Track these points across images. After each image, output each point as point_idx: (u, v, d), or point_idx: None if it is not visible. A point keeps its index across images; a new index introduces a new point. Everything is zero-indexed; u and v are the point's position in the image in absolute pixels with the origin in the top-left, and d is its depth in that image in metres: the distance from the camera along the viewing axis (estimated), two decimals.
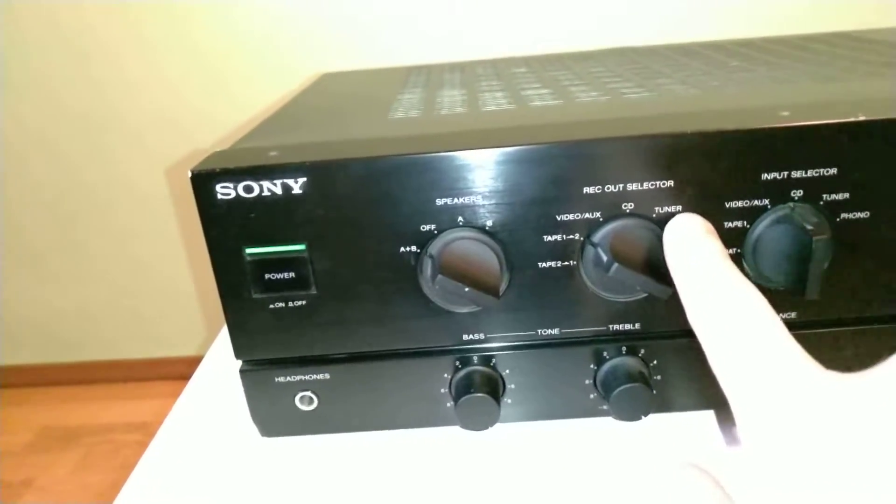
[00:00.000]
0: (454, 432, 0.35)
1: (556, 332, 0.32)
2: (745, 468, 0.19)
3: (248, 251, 0.30)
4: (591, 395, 0.34)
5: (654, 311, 0.32)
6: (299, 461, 0.34)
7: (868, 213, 0.29)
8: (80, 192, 1.36)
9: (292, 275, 0.31)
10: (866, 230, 0.29)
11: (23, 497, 1.32)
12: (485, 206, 0.30)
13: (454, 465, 0.33)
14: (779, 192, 0.29)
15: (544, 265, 0.31)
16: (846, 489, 0.15)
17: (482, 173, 0.29)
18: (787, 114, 0.29)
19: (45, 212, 1.39)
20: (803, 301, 0.31)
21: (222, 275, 0.31)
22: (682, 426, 0.34)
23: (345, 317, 0.32)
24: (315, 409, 0.34)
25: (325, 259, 0.31)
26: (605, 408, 0.33)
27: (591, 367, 0.33)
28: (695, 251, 0.25)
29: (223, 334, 0.47)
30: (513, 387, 0.34)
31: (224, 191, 0.29)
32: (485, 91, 0.45)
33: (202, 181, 0.29)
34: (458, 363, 0.33)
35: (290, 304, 0.31)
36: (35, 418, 1.53)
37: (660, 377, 0.33)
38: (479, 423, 0.32)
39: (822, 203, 0.29)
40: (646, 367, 0.33)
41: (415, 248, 0.30)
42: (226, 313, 0.32)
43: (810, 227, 0.27)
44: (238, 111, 1.25)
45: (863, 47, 0.50)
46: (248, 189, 0.29)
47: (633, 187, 0.29)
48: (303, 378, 0.34)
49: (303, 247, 0.30)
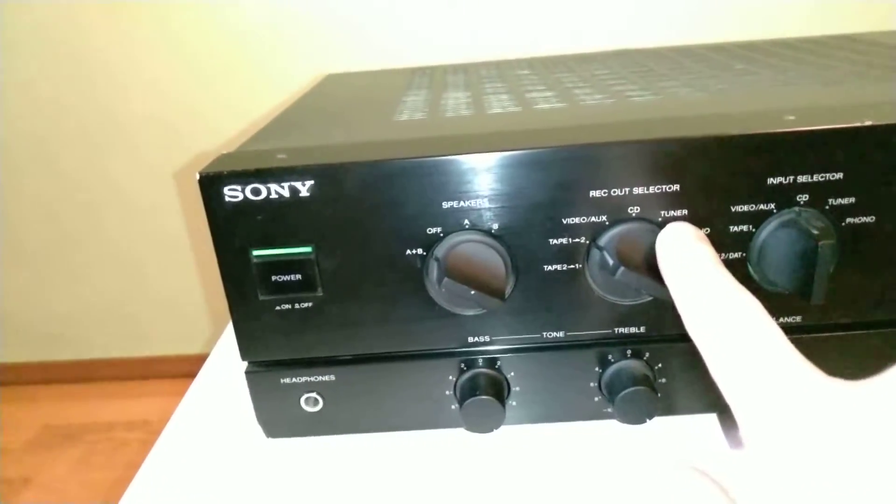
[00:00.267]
0: (459, 434, 0.35)
1: (561, 334, 0.32)
2: (748, 472, 0.19)
3: (255, 253, 0.30)
4: (596, 398, 0.34)
5: (659, 314, 0.32)
6: (304, 462, 0.34)
7: (873, 218, 0.29)
8: (82, 191, 1.36)
9: (299, 277, 0.31)
10: (872, 235, 0.29)
11: (23, 494, 1.32)
12: (491, 209, 0.30)
13: (459, 467, 0.33)
14: (784, 197, 0.29)
15: (550, 268, 0.31)
16: (848, 495, 0.15)
17: (488, 176, 0.29)
18: (792, 118, 0.29)
19: (48, 209, 1.39)
20: (809, 305, 0.31)
21: (229, 276, 0.31)
22: (687, 429, 0.34)
23: (351, 319, 0.32)
24: (320, 410, 0.34)
25: (332, 261, 0.31)
26: (610, 411, 0.33)
27: (596, 370, 0.33)
28: (686, 258, 0.25)
29: (227, 334, 0.47)
30: (518, 389, 0.34)
31: (232, 193, 0.29)
32: (489, 93, 0.45)
33: (210, 183, 0.29)
34: (463, 365, 0.33)
35: (297, 306, 0.32)
36: (36, 416, 1.53)
37: (664, 380, 0.33)
38: (483, 425, 0.32)
39: (827, 207, 0.29)
40: (650, 370, 0.33)
41: (421, 251, 0.30)
42: (232, 314, 0.32)
43: (816, 232, 0.27)
44: (241, 113, 1.25)
45: (867, 50, 0.50)
46: (256, 191, 0.29)
47: (638, 191, 0.29)
48: (308, 379, 0.34)
49: (309, 249, 0.30)
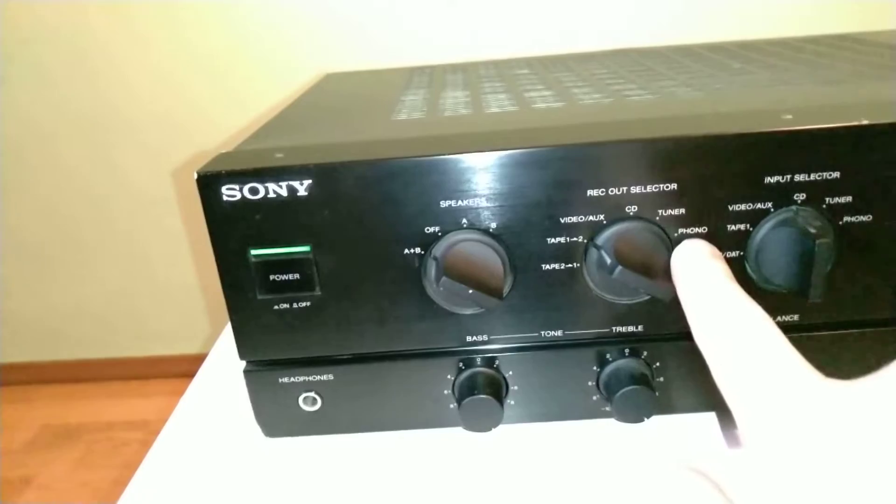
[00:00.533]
0: (457, 434, 0.35)
1: (559, 333, 0.32)
2: (746, 472, 0.19)
3: (253, 252, 0.30)
4: (594, 397, 0.34)
5: (657, 313, 0.32)
6: (303, 462, 0.34)
7: (871, 217, 0.29)
8: (83, 190, 1.36)
9: (297, 276, 0.31)
10: (869, 233, 0.29)
11: (23, 494, 1.32)
12: (489, 208, 0.30)
13: (457, 466, 0.33)
14: (782, 196, 0.29)
15: (548, 267, 0.31)
16: (844, 494, 0.15)
17: (486, 175, 0.29)
18: (790, 117, 0.29)
19: (47, 209, 1.39)
20: (806, 304, 0.31)
21: (227, 276, 0.31)
22: (685, 428, 0.34)
23: (349, 318, 0.32)
24: (319, 409, 0.34)
25: (330, 260, 0.31)
26: (608, 409, 0.33)
27: (594, 368, 0.33)
28: (700, 273, 0.25)
29: (226, 334, 0.47)
30: (516, 388, 0.34)
31: (230, 192, 0.29)
32: (488, 93, 0.45)
33: (208, 183, 0.29)
34: (461, 365, 0.33)
35: (295, 306, 0.32)
36: (36, 416, 1.53)
37: (662, 379, 0.33)
38: (482, 424, 0.32)
39: (824, 206, 0.29)
40: (648, 369, 0.33)
41: (419, 250, 0.30)
42: (230, 314, 0.32)
43: (813, 231, 0.27)
44: (240, 111, 1.25)
45: (864, 50, 0.50)
46: (254, 191, 0.29)
47: (636, 190, 0.29)
48: (307, 379, 0.34)
49: (307, 248, 0.30)
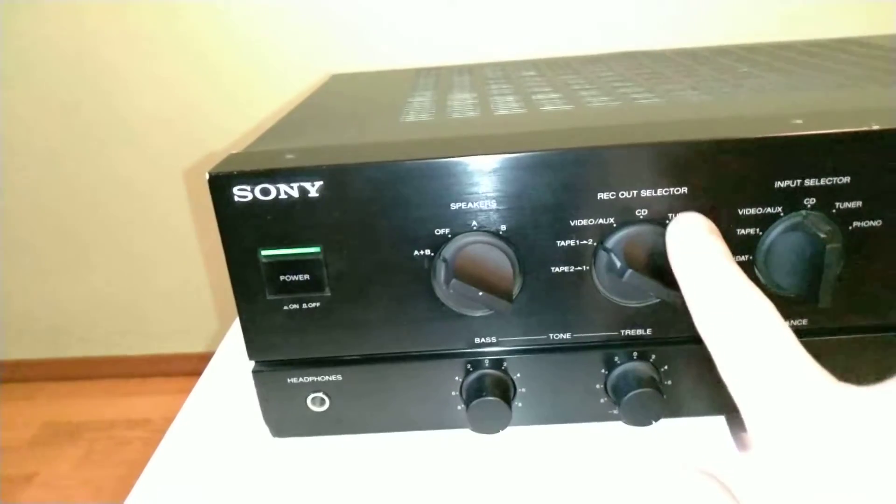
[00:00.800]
0: (465, 435, 0.35)
1: (567, 336, 0.32)
2: (755, 475, 0.19)
3: (264, 253, 0.31)
4: (602, 400, 0.34)
5: (665, 316, 0.32)
6: (311, 462, 0.34)
7: (880, 222, 0.29)
8: (87, 187, 1.37)
9: (307, 277, 0.31)
10: (879, 238, 0.30)
11: (25, 492, 1.33)
12: (499, 210, 0.30)
13: (465, 467, 0.33)
14: (792, 200, 0.29)
15: (557, 270, 0.31)
16: (855, 500, 0.15)
17: (496, 178, 0.29)
18: (800, 122, 0.29)
19: (51, 206, 1.39)
20: (815, 309, 0.31)
21: (237, 276, 0.31)
22: (693, 432, 0.34)
23: (358, 319, 0.32)
24: (327, 410, 0.34)
25: (340, 261, 0.31)
26: (616, 412, 0.33)
27: (603, 371, 0.33)
28: (699, 253, 0.24)
29: (231, 333, 0.47)
30: (524, 390, 0.34)
31: (241, 193, 0.29)
32: (495, 94, 0.45)
33: (219, 183, 0.29)
34: (469, 366, 0.33)
35: (304, 306, 0.32)
36: (38, 413, 1.53)
37: (670, 382, 0.33)
38: (490, 426, 0.33)
39: (834, 211, 0.29)
40: (657, 372, 0.33)
41: (429, 252, 0.31)
42: (240, 314, 0.32)
43: (823, 235, 0.27)
44: (245, 111, 1.25)
45: (871, 54, 0.50)
46: (265, 192, 0.29)
47: (646, 193, 0.29)
48: (315, 379, 0.34)
49: (317, 249, 0.31)
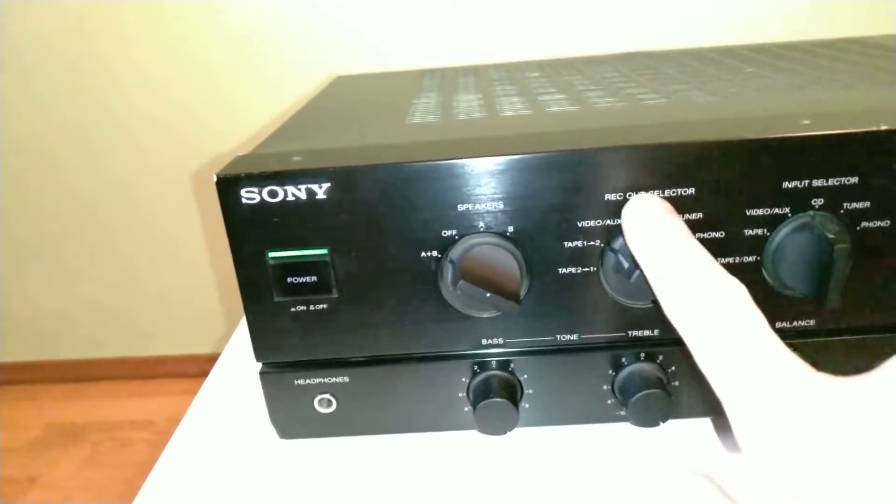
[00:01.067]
0: (472, 436, 0.35)
1: (575, 337, 0.32)
2: (746, 472, 0.19)
3: (271, 255, 0.31)
4: (609, 401, 0.34)
5: None
6: (318, 464, 0.34)
7: (888, 222, 0.29)
8: (91, 187, 1.37)
9: (314, 279, 0.31)
10: (887, 239, 0.29)
11: (28, 494, 1.33)
12: (506, 211, 0.30)
13: (472, 469, 0.33)
14: (799, 201, 0.29)
15: (564, 271, 0.31)
16: (843, 494, 0.15)
17: (503, 179, 0.29)
18: (807, 122, 0.29)
19: (54, 208, 1.40)
20: (823, 309, 0.31)
21: (245, 278, 0.31)
22: (700, 432, 0.34)
23: (365, 320, 0.32)
24: (334, 411, 0.34)
25: (347, 263, 0.31)
26: (623, 414, 0.33)
27: (610, 372, 0.33)
28: (659, 235, 0.23)
29: (237, 334, 0.47)
30: (531, 392, 0.34)
31: (249, 195, 0.29)
32: (500, 96, 0.45)
33: (227, 185, 0.29)
34: (476, 368, 0.33)
35: (312, 308, 0.32)
36: (41, 415, 1.53)
37: (678, 383, 0.33)
38: (497, 427, 0.33)
39: (842, 211, 0.29)
40: (664, 373, 0.33)
41: (436, 254, 0.31)
42: (248, 316, 0.32)
43: (831, 236, 0.27)
44: (245, 114, 1.25)
45: (877, 54, 0.50)
46: (273, 194, 0.29)
47: (654, 194, 0.29)
48: (322, 381, 0.34)
49: (325, 251, 0.31)
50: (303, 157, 0.31)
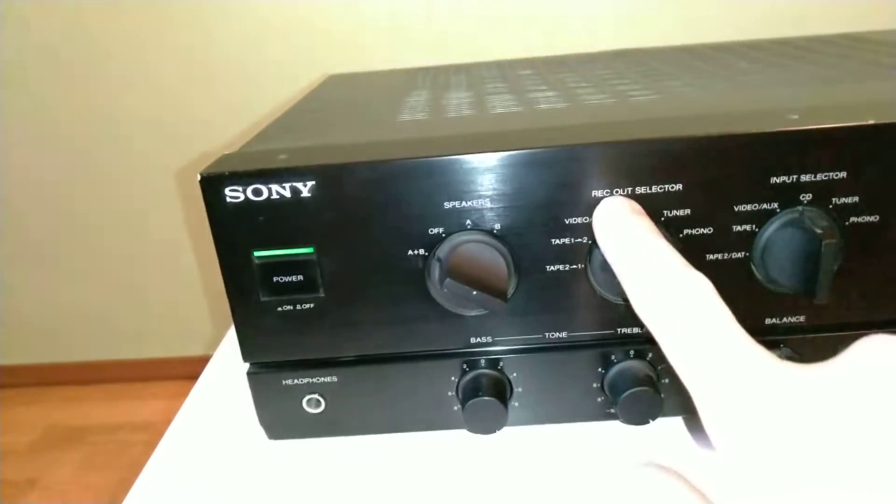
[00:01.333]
0: (461, 436, 0.35)
1: (563, 335, 0.32)
2: (721, 470, 0.18)
3: (257, 254, 0.30)
4: (599, 399, 0.34)
5: None
6: (307, 464, 0.34)
7: (877, 217, 0.29)
8: (85, 192, 1.37)
9: (300, 278, 0.31)
10: (876, 234, 0.29)
11: (27, 496, 1.33)
12: (493, 209, 0.30)
13: (461, 468, 0.33)
14: (788, 196, 0.29)
15: (552, 268, 0.31)
16: (814, 483, 0.15)
17: (491, 176, 0.29)
18: (796, 117, 0.29)
19: (50, 211, 1.40)
20: (813, 305, 0.30)
21: (231, 277, 0.31)
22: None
23: (352, 319, 0.32)
24: (322, 411, 0.34)
25: (334, 262, 0.31)
26: (613, 411, 0.33)
27: (599, 370, 0.33)
28: (626, 233, 0.23)
29: (229, 336, 0.47)
30: (520, 390, 0.34)
31: (233, 194, 0.29)
32: (491, 93, 0.45)
33: (211, 184, 0.29)
34: (465, 366, 0.33)
35: (298, 307, 0.31)
36: (40, 418, 1.53)
37: (667, 381, 0.33)
38: (486, 426, 0.32)
39: (831, 206, 0.29)
40: (653, 370, 0.32)
41: (423, 252, 0.30)
42: (234, 316, 0.32)
43: (820, 231, 0.27)
44: (240, 112, 1.25)
45: (869, 49, 0.50)
46: (258, 192, 0.29)
47: (641, 191, 0.29)
48: (310, 381, 0.34)
49: (311, 250, 0.30)
50: (289, 156, 0.30)
